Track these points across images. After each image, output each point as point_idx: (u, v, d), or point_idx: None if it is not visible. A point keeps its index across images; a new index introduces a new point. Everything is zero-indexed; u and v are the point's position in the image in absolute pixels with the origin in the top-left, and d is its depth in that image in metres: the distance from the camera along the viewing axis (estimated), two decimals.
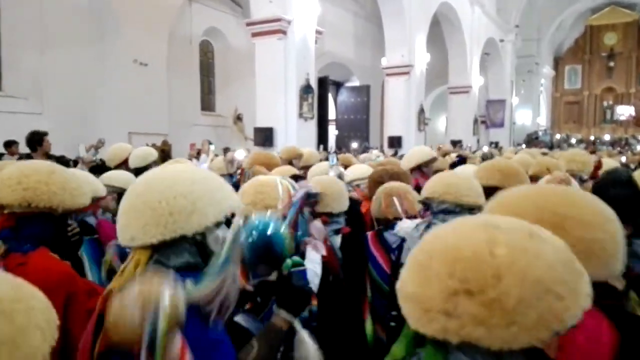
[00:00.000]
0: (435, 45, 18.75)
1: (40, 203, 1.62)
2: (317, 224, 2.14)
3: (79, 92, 11.13)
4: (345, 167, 4.62)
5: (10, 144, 6.73)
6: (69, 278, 1.66)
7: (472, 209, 2.20)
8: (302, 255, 1.92)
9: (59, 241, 1.78)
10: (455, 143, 18.73)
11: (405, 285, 0.84)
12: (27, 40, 10.52)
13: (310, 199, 2.11)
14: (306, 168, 4.63)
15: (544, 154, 7.06)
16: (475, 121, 21.54)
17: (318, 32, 11.28)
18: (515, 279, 0.73)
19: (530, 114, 30.11)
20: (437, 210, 2.27)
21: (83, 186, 1.79)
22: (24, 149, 6.01)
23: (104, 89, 11.61)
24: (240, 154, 4.83)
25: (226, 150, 9.40)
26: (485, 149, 15.04)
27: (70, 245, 2.18)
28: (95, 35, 11.57)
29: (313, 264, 1.99)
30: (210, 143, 8.62)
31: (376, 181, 2.76)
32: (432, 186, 2.31)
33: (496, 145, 21.01)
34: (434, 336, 0.78)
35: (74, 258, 2.14)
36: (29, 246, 1.64)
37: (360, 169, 4.09)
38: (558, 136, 28.08)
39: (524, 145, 20.88)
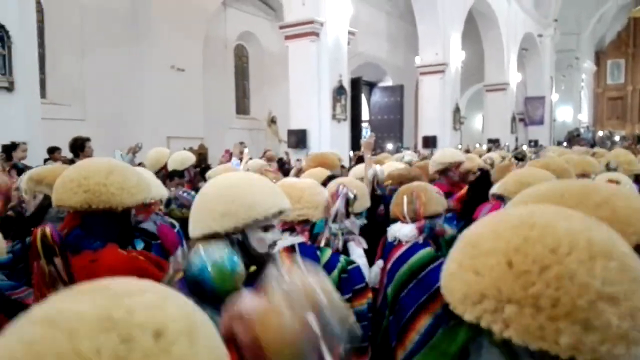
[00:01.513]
0: (470, 42, 18.44)
1: (100, 204, 1.68)
2: (354, 220, 2.27)
3: (118, 98, 11.50)
4: None
5: (53, 151, 6.98)
6: (140, 272, 1.68)
7: None
8: (345, 252, 2.00)
9: (124, 237, 1.84)
10: (493, 142, 18.37)
11: (498, 285, 0.67)
12: (69, 48, 10.95)
13: (349, 201, 2.24)
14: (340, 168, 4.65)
15: (592, 154, 6.69)
16: (513, 119, 21.06)
17: (351, 33, 11.28)
18: None
19: (571, 111, 29.20)
20: None
21: (141, 183, 1.82)
22: (68, 154, 6.24)
23: (142, 95, 11.95)
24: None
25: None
26: (525, 147, 14.70)
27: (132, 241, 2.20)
28: (134, 42, 11.92)
29: (360, 258, 2.08)
30: (243, 145, 8.71)
31: (397, 182, 2.70)
32: (505, 183, 2.31)
33: (535, 143, 20.50)
34: (550, 352, 0.62)
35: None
36: (99, 243, 1.70)
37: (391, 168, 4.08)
38: (601, 133, 27.09)
39: (565, 144, 20.26)
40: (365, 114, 18.39)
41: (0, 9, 5.60)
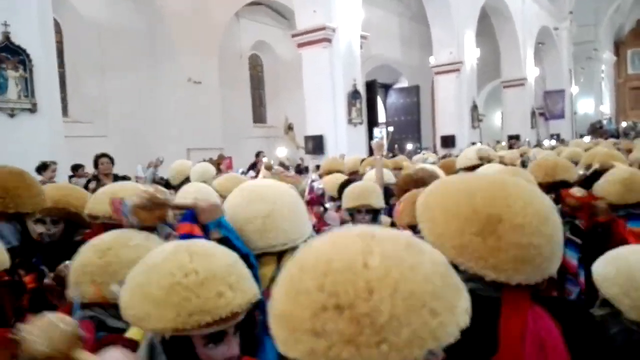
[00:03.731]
0: (485, 39, 18.29)
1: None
2: (331, 214, 2.63)
3: (139, 113, 11.75)
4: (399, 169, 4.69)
5: (77, 168, 7.19)
6: None
7: None
8: None
9: None
10: (513, 138, 18.14)
11: (275, 303, 0.74)
12: (88, 66, 11.25)
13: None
14: (353, 174, 4.69)
15: (618, 148, 6.51)
16: (533, 114, 20.78)
17: (363, 37, 11.32)
18: (388, 292, 0.66)
19: (593, 103, 28.64)
20: None
21: None
22: (92, 170, 6.40)
23: (161, 109, 12.19)
24: (281, 152, 5.05)
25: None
26: (547, 142, 14.49)
27: None
28: (151, 58, 12.18)
29: None
30: (262, 154, 8.80)
31: (402, 189, 2.64)
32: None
33: (558, 137, 20.17)
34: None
35: None
36: None
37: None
38: (624, 124, 26.49)
39: (588, 137, 19.89)
40: (381, 116, 18.37)
41: (21, 32, 5.79)
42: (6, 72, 5.66)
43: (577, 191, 2.60)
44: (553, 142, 15.32)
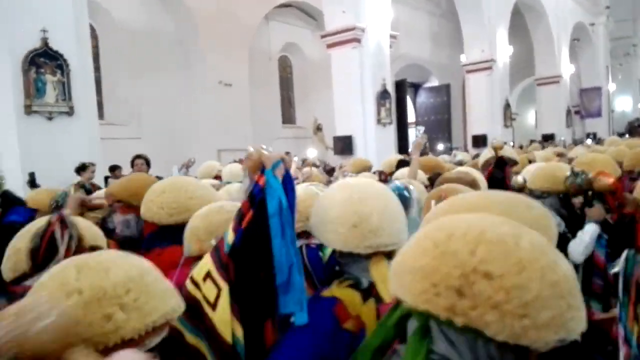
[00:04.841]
0: (518, 36, 17.92)
1: (150, 219, 2.10)
2: None
3: (171, 115, 11.99)
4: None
5: (114, 169, 7.38)
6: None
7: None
8: None
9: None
10: (547, 137, 17.71)
11: (408, 258, 0.80)
12: (123, 70, 11.53)
13: None
14: (388, 174, 4.69)
15: None
16: (569, 112, 20.25)
17: (392, 37, 11.24)
18: (537, 275, 0.72)
19: (631, 101, 27.68)
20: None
21: (188, 202, 2.08)
22: (128, 171, 6.57)
23: (193, 111, 12.41)
24: (311, 153, 5.08)
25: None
26: (589, 142, 14.07)
27: None
28: (183, 61, 12.42)
29: None
30: (290, 155, 8.82)
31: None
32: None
33: (594, 136, 19.59)
34: (431, 313, 0.74)
35: None
36: (166, 243, 2.04)
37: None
38: None
39: (626, 135, 19.24)
40: (411, 116, 18.20)
41: (58, 38, 5.97)
42: (45, 77, 5.85)
43: (609, 177, 2.67)
44: (589, 142, 14.88)
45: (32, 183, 5.39)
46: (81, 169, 5.71)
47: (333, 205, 1.42)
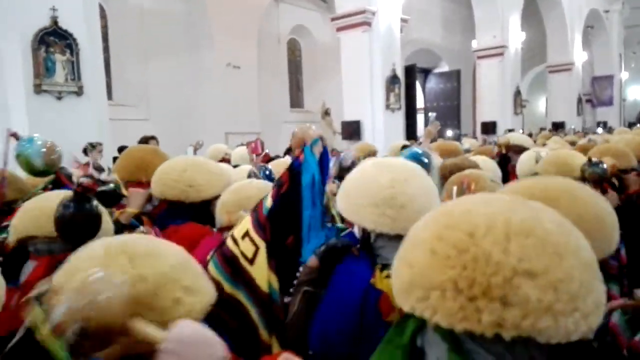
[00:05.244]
0: (530, 22, 17.65)
1: (169, 196, 2.11)
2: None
3: (179, 97, 11.98)
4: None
5: (122, 150, 7.40)
6: (203, 232, 2.04)
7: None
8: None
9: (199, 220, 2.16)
10: (557, 125, 17.55)
11: (426, 270, 0.68)
12: (132, 51, 11.50)
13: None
14: None
15: None
16: (580, 100, 20.00)
17: (403, 21, 11.10)
18: (574, 259, 0.64)
19: None
20: None
21: (211, 178, 2.12)
22: None
23: (201, 93, 12.38)
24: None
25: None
26: (600, 131, 13.92)
27: None
28: (192, 43, 12.35)
29: None
30: None
31: (446, 177, 2.55)
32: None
33: (605, 125, 19.39)
34: (474, 331, 0.63)
35: None
36: (180, 221, 2.08)
37: None
38: None
39: (638, 125, 19.02)
40: (420, 102, 18.06)
41: (67, 17, 5.95)
42: (54, 56, 5.84)
43: (608, 160, 2.71)
44: (600, 130, 14.72)
45: None
46: (90, 148, 5.74)
47: (379, 187, 1.39)
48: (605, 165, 2.65)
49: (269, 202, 1.47)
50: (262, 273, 1.41)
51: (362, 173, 1.50)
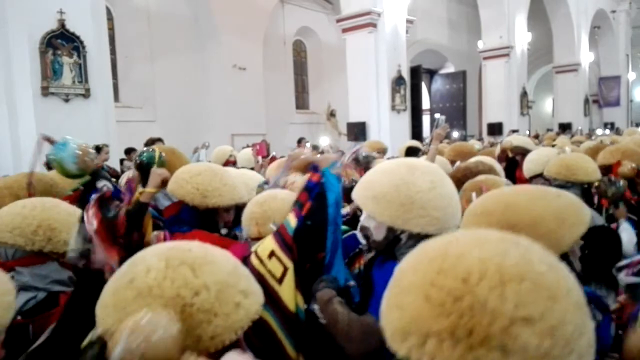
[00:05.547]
0: (537, 22, 17.58)
1: (178, 195, 2.08)
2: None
3: (185, 99, 12.02)
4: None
5: (129, 151, 7.44)
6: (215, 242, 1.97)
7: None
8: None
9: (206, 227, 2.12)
10: (564, 126, 17.47)
11: (418, 318, 0.66)
12: (138, 53, 11.55)
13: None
14: None
15: None
16: (587, 101, 19.90)
17: (409, 22, 11.10)
18: (566, 301, 0.64)
19: None
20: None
21: (221, 188, 2.08)
22: None
23: (207, 95, 12.42)
24: (324, 141, 5.08)
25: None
26: (600, 132, 13.86)
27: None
28: (198, 45, 12.39)
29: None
30: (304, 141, 8.81)
31: (460, 180, 2.46)
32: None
33: (612, 126, 19.27)
34: None
35: None
36: (187, 228, 2.04)
37: None
38: None
39: None
40: (426, 103, 18.02)
41: (75, 20, 5.99)
42: (61, 59, 5.88)
43: (628, 163, 2.99)
44: (607, 132, 14.64)
45: (49, 165, 5.45)
46: (95, 150, 5.76)
47: (422, 190, 1.38)
48: (621, 182, 2.78)
49: (293, 223, 1.50)
50: (290, 293, 1.45)
51: (393, 175, 1.44)
